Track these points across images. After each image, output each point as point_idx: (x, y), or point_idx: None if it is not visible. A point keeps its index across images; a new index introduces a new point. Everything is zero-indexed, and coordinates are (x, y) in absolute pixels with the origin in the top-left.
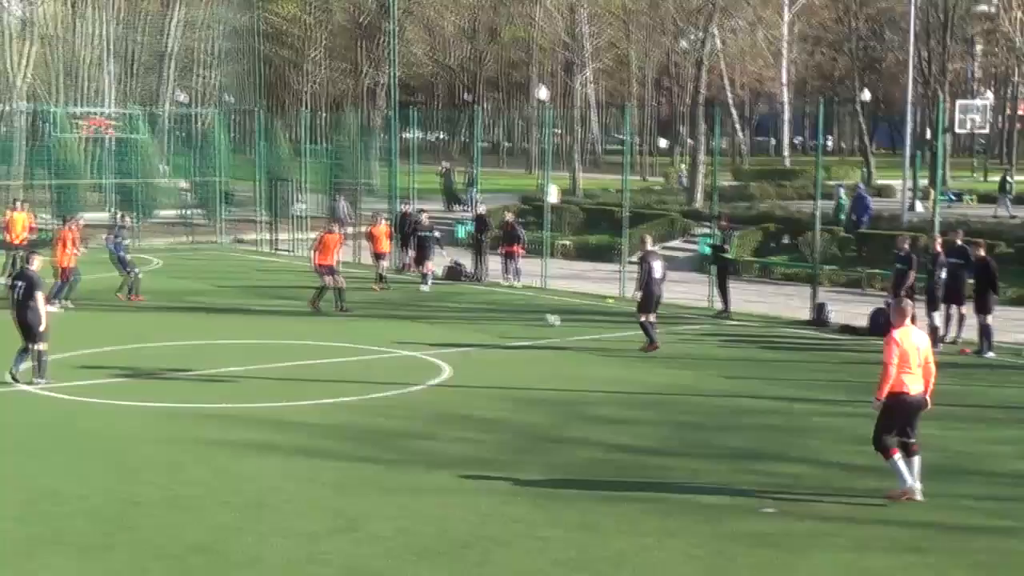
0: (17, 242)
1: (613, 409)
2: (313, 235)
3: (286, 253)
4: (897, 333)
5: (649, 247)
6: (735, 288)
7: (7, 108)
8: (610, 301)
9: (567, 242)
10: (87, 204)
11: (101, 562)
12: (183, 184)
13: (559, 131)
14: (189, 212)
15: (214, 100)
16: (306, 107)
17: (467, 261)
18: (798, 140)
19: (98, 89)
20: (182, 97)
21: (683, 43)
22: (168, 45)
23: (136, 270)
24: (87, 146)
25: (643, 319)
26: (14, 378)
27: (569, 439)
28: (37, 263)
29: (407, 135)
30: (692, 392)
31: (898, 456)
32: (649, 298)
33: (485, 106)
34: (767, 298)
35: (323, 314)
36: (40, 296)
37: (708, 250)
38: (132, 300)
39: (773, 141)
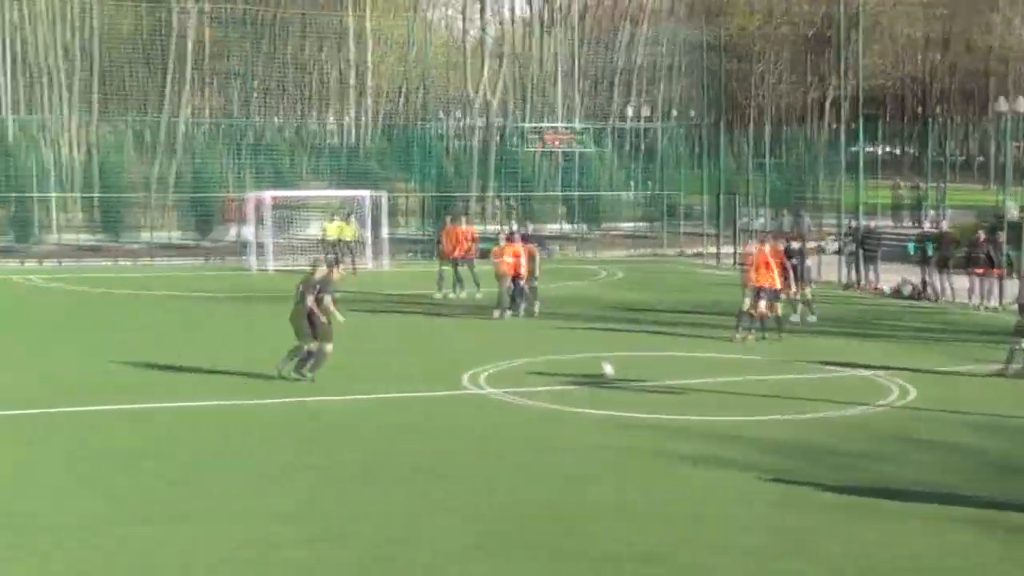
0: (457, 254)
1: None
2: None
3: (728, 265)
4: None
5: None
6: None
7: (468, 123)
8: None
9: None
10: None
11: (567, 566)
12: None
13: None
14: (641, 225)
15: (669, 114)
16: (752, 121)
17: (914, 278)
18: None
19: (553, 104)
20: (640, 111)
21: None
22: (629, 59)
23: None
24: (542, 159)
25: None
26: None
27: None
28: (322, 272)
29: (864, 149)
30: None
31: None
32: None
33: (944, 118)
34: None
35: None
36: (309, 299)
37: None
38: None
39: None
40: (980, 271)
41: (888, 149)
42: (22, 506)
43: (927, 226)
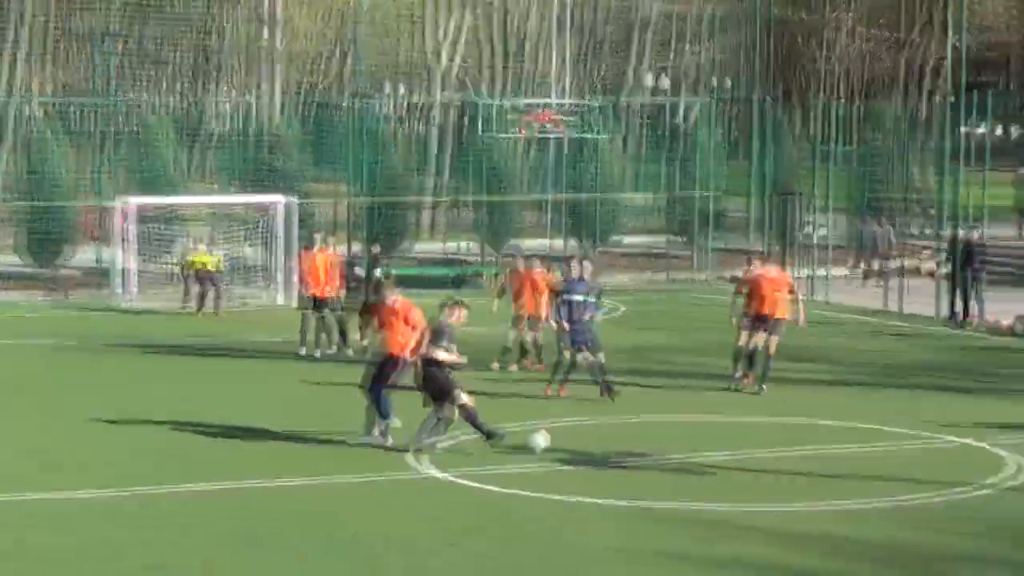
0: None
1: None
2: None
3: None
4: None
5: None
6: None
7: (427, 100)
8: None
9: None
10: (521, 227)
11: None
12: (653, 200)
13: None
14: (660, 239)
15: (700, 85)
16: (826, 93)
17: None
18: None
19: (544, 73)
20: (657, 82)
21: None
22: (644, 11)
23: None
24: (527, 150)
25: None
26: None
27: None
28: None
29: (976, 130)
30: None
31: None
32: None
33: None
34: None
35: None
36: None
37: None
38: None
39: None
40: None
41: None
42: None
43: None
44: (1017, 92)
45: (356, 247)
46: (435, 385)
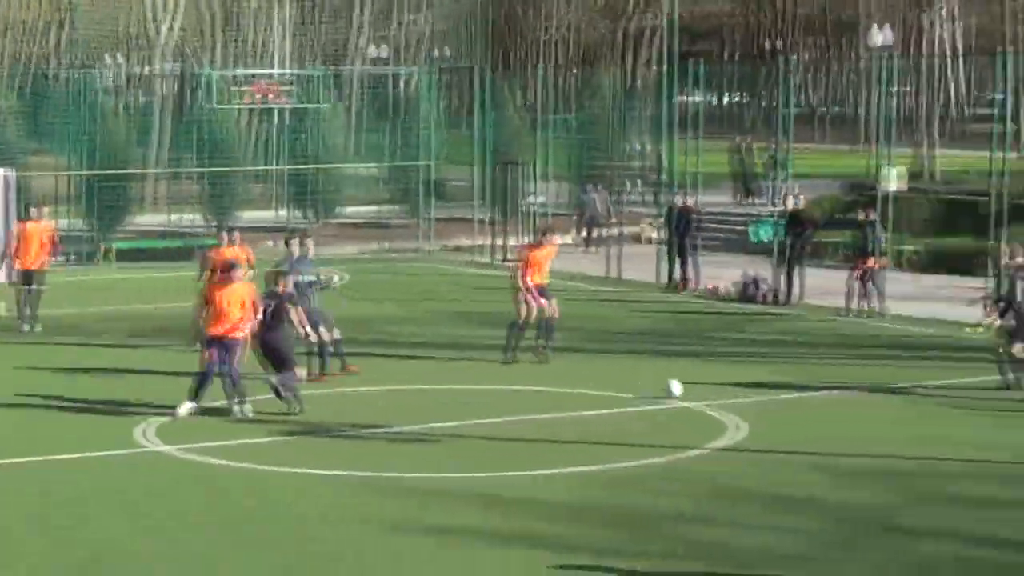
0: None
1: (980, 486)
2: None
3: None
4: None
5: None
6: None
7: (147, 71)
8: (976, 331)
9: (914, 248)
10: (248, 199)
11: None
12: (376, 170)
13: (905, 90)
14: (384, 208)
15: (421, 55)
16: (546, 62)
17: (767, 273)
18: None
19: (265, 43)
20: (378, 51)
21: None
22: None
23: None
24: (250, 121)
25: None
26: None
27: (914, 529)
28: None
29: (690, 98)
30: None
31: None
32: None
33: (800, 56)
34: None
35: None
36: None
37: None
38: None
39: None
40: (869, 263)
41: (735, 98)
42: None
43: (790, 202)
44: (729, 62)
45: (79, 221)
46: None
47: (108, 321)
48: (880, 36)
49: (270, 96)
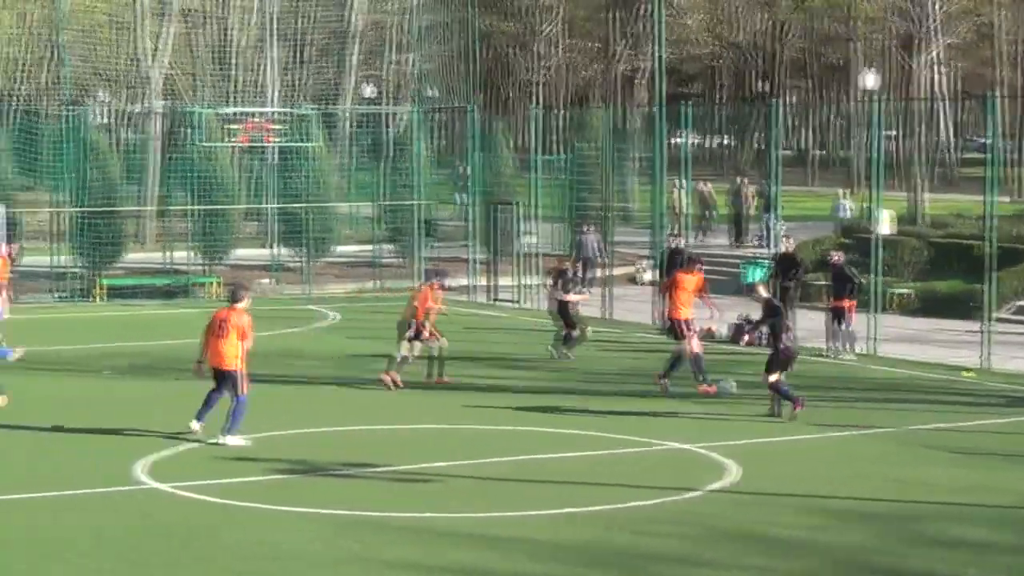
0: None
1: (970, 529)
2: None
3: (508, 304)
4: None
5: None
6: None
7: (139, 108)
8: (968, 375)
9: (905, 291)
10: (241, 237)
11: None
12: (369, 210)
13: (893, 133)
14: (377, 248)
15: (412, 94)
16: (537, 103)
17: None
18: None
19: (257, 82)
20: (368, 91)
21: None
22: (351, 21)
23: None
24: (242, 159)
25: None
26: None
27: (905, 570)
28: None
29: (678, 139)
30: None
31: None
32: None
33: (788, 99)
34: None
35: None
36: None
37: None
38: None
39: None
40: (848, 305)
41: (725, 141)
42: None
43: (783, 245)
44: (715, 104)
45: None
46: None
47: (103, 357)
48: (870, 79)
49: (260, 135)
